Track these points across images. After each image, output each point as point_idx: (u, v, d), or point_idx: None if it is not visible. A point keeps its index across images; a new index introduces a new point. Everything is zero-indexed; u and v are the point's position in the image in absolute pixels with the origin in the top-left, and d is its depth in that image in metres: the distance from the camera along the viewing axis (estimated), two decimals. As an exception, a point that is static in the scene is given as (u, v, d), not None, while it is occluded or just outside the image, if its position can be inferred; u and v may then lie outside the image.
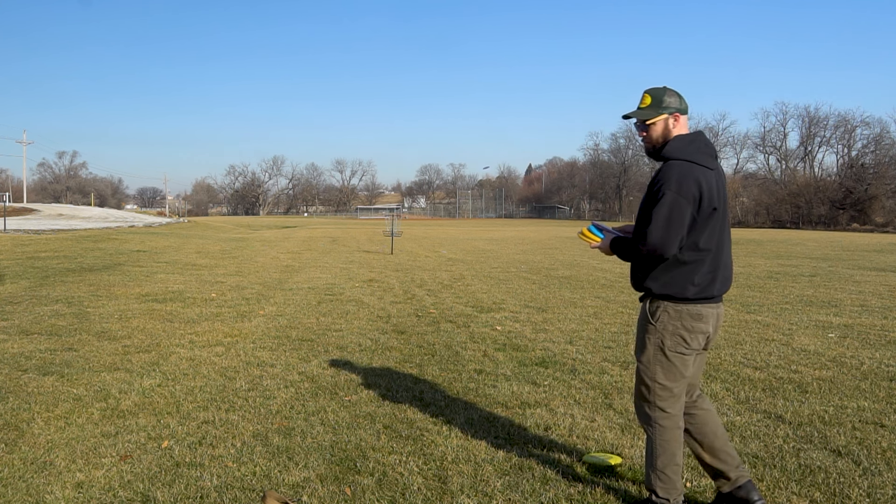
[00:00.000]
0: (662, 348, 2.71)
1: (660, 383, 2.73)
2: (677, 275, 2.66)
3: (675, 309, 2.68)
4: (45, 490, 3.02)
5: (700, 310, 2.69)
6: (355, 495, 3.02)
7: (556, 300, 9.33)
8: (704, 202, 2.59)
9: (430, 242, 25.73)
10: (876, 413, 4.21)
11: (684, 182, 2.56)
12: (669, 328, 2.69)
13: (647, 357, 2.75)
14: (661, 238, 2.56)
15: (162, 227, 30.91)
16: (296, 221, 68.18)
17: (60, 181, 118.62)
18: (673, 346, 2.70)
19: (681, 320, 2.68)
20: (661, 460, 2.73)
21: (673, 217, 2.55)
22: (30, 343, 5.99)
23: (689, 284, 2.66)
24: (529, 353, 5.91)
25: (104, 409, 4.17)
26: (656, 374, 2.73)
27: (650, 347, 2.73)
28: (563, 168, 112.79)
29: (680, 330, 2.69)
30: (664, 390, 2.73)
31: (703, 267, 2.67)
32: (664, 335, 2.70)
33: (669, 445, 2.72)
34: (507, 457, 3.45)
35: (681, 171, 2.59)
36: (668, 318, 2.69)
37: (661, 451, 2.73)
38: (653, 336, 2.72)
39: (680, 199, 2.55)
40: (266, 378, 4.96)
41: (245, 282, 11.25)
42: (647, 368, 2.76)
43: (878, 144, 66.69)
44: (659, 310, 2.71)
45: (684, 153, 2.65)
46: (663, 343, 2.70)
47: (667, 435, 2.73)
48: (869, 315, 8.04)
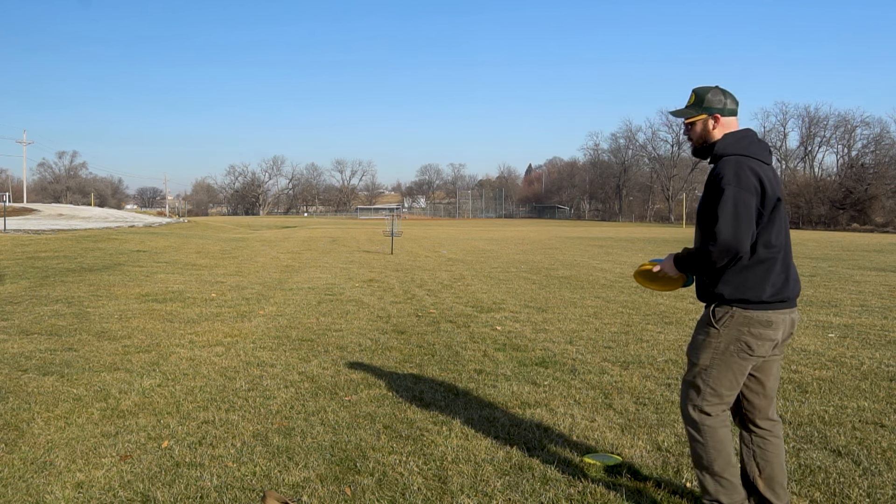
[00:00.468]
0: (725, 354, 2.59)
1: (712, 388, 2.62)
2: (751, 276, 2.53)
3: (745, 315, 2.55)
4: (45, 490, 3.02)
5: (771, 317, 2.56)
6: (355, 495, 3.02)
7: (556, 300, 9.33)
8: (768, 193, 2.49)
9: (430, 242, 25.73)
10: (876, 413, 4.21)
11: (742, 174, 2.47)
12: (734, 334, 2.57)
13: (703, 361, 2.63)
14: (733, 234, 2.42)
15: (162, 227, 30.91)
16: (296, 221, 68.17)
17: (60, 181, 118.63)
18: (736, 352, 2.57)
19: (748, 326, 2.56)
20: (717, 464, 2.61)
21: (739, 211, 2.42)
22: (30, 343, 5.99)
23: (765, 286, 2.53)
24: (529, 353, 5.91)
25: (104, 409, 4.17)
26: (711, 379, 2.62)
27: (709, 351, 2.61)
28: (563, 168, 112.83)
29: (745, 336, 2.56)
30: (715, 396, 2.63)
31: (777, 266, 2.55)
32: (728, 341, 2.58)
33: (724, 447, 2.61)
34: (507, 457, 3.45)
35: (737, 164, 2.50)
36: (735, 323, 2.56)
37: (717, 455, 2.61)
38: (714, 340, 2.60)
39: (741, 192, 2.44)
40: (266, 378, 4.96)
41: (245, 282, 11.25)
42: (702, 372, 2.63)
43: (878, 144, 66.74)
44: (726, 315, 2.57)
45: (737, 148, 2.56)
46: (726, 349, 2.58)
47: (718, 435, 2.62)
48: (869, 315, 8.04)
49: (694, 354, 2.69)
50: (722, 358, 2.59)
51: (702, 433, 2.63)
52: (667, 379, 5.02)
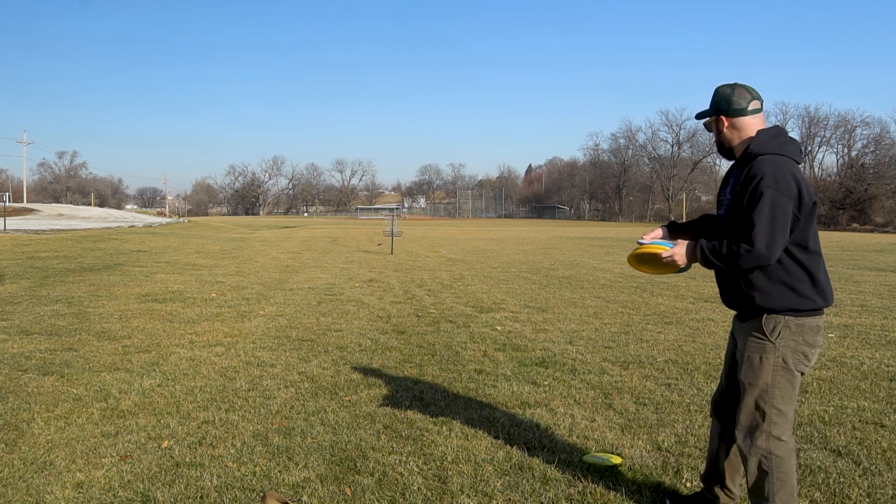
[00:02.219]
0: (785, 369, 2.45)
1: (777, 408, 2.45)
2: (798, 283, 2.42)
3: (798, 323, 2.43)
4: (45, 490, 3.02)
5: (819, 322, 2.47)
6: (355, 495, 3.02)
7: (556, 300, 9.33)
8: (805, 197, 2.38)
9: (430, 242, 25.73)
10: (876, 413, 4.21)
11: (780, 178, 2.34)
12: (791, 345, 2.43)
13: (763, 381, 2.46)
14: (768, 242, 2.32)
15: (162, 227, 30.91)
16: (296, 221, 68.18)
17: (60, 181, 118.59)
18: (795, 364, 2.45)
19: (803, 335, 2.44)
20: (780, 496, 2.44)
21: (776, 216, 2.32)
22: (30, 343, 5.99)
23: (814, 294, 2.44)
24: (529, 353, 5.91)
25: (104, 409, 4.17)
26: (774, 399, 2.44)
27: (769, 369, 2.45)
28: (563, 168, 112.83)
29: (802, 346, 2.44)
30: (780, 416, 2.46)
31: (820, 272, 2.46)
32: (786, 354, 2.43)
33: (789, 478, 2.45)
34: (507, 457, 3.45)
35: (774, 165, 2.37)
36: (791, 333, 2.43)
37: (780, 486, 2.44)
38: (772, 356, 2.44)
39: (780, 196, 2.32)
40: (266, 378, 4.96)
41: (245, 282, 11.25)
42: (764, 394, 2.46)
43: (878, 144, 66.76)
44: (779, 325, 2.44)
45: (772, 147, 2.44)
46: (786, 363, 2.44)
47: (785, 466, 2.45)
48: (869, 315, 8.04)
49: (751, 377, 2.50)
50: (784, 374, 2.45)
51: (769, 461, 2.45)
52: (667, 379, 5.02)
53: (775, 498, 2.45)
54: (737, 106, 2.52)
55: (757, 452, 2.47)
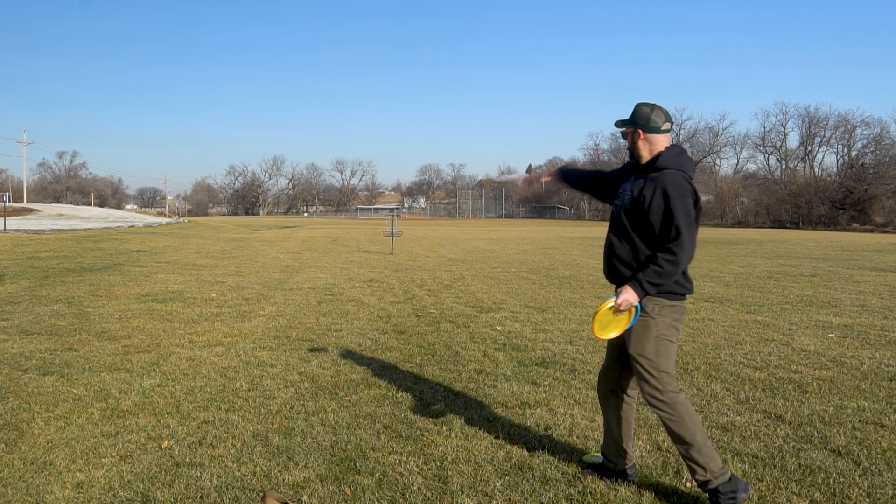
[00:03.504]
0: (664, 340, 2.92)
1: (665, 371, 2.92)
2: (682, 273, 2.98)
3: (671, 305, 2.94)
4: (45, 490, 3.02)
5: (685, 305, 3.02)
6: (355, 495, 3.02)
7: (556, 300, 9.33)
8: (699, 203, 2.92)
9: (430, 242, 25.73)
10: (876, 413, 4.21)
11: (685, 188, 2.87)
12: (668, 321, 2.93)
13: (650, 351, 2.92)
14: (692, 242, 2.83)
15: (162, 227, 30.91)
16: (296, 221, 68.18)
17: (60, 181, 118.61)
18: (669, 336, 2.94)
19: (672, 315, 2.95)
20: (699, 435, 2.86)
21: (690, 219, 2.82)
22: (30, 343, 5.99)
23: (685, 282, 2.98)
24: (529, 353, 5.91)
25: (104, 409, 4.17)
26: (660, 364, 2.92)
27: (652, 341, 2.92)
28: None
29: (675, 323, 2.96)
30: (668, 375, 2.93)
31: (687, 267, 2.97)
32: (662, 328, 2.92)
33: (696, 418, 2.90)
34: (507, 457, 3.46)
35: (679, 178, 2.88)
36: (668, 312, 2.93)
37: (696, 427, 2.87)
38: (653, 330, 2.92)
39: (688, 201, 2.83)
40: (266, 378, 4.96)
41: (245, 282, 11.25)
42: (651, 361, 2.92)
43: (878, 144, 66.69)
44: (657, 306, 2.93)
45: (676, 163, 2.91)
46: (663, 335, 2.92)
47: (689, 408, 2.90)
48: (869, 315, 8.04)
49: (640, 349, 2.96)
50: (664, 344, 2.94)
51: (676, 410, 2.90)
52: (667, 379, 5.02)
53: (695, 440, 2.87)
54: (653, 124, 2.96)
55: (662, 406, 2.91)
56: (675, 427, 2.87)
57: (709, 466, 2.84)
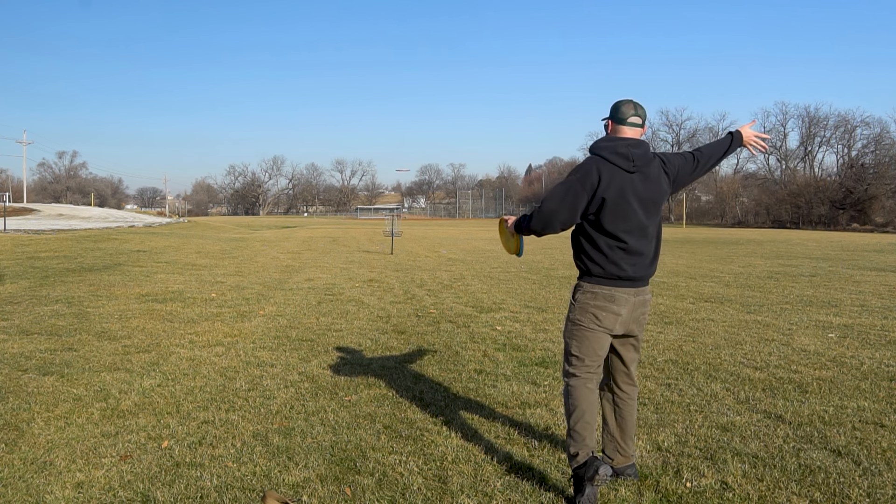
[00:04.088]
0: (575, 322, 3.08)
1: (573, 353, 3.08)
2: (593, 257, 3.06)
3: (592, 291, 3.05)
4: (45, 490, 3.02)
5: (613, 292, 3.03)
6: (355, 495, 3.02)
7: (556, 300, 9.33)
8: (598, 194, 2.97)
9: (430, 242, 25.73)
10: (876, 413, 4.21)
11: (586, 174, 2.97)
12: (582, 304, 3.06)
13: (566, 330, 3.15)
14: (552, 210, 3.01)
15: (162, 227, 30.91)
16: (296, 221, 68.17)
17: (60, 181, 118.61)
18: (582, 320, 3.05)
19: (594, 300, 3.04)
20: (573, 417, 3.03)
21: (567, 196, 2.97)
22: (30, 343, 5.99)
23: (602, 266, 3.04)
24: (529, 353, 5.91)
25: (104, 409, 4.17)
26: (570, 345, 3.10)
27: (568, 321, 3.14)
28: (563, 168, 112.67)
29: (592, 309, 3.04)
30: (576, 359, 3.07)
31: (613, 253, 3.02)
32: (577, 311, 3.07)
33: (580, 405, 3.04)
34: (507, 457, 3.46)
35: (589, 163, 3.02)
36: (582, 295, 3.07)
37: (573, 409, 3.04)
38: (570, 312, 3.12)
39: (576, 185, 2.97)
40: (266, 378, 4.96)
41: (245, 282, 11.26)
42: (565, 339, 3.15)
43: (878, 144, 66.67)
44: (579, 289, 3.10)
45: (599, 149, 3.05)
46: (577, 318, 3.07)
47: (577, 394, 3.04)
48: (869, 315, 8.04)
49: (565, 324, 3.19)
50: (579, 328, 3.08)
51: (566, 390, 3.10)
52: (667, 379, 5.02)
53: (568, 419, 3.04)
54: (621, 115, 3.10)
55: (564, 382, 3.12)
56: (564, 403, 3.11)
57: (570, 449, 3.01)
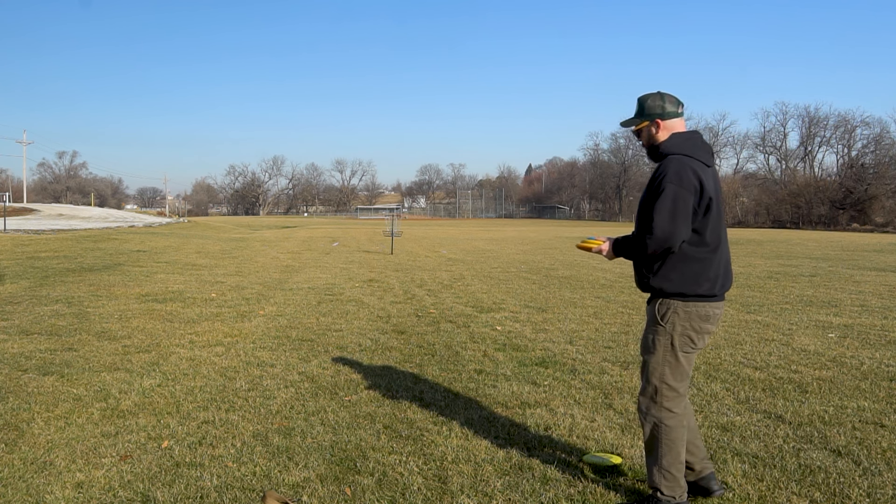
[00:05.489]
0: (672, 349, 2.75)
1: (667, 384, 2.77)
2: (688, 271, 2.70)
3: (686, 310, 2.72)
4: (45, 490, 3.02)
5: (708, 310, 2.74)
6: (355, 495, 3.02)
7: (556, 300, 9.33)
8: (705, 193, 2.67)
9: (430, 242, 25.73)
10: (876, 413, 4.21)
11: (684, 175, 2.64)
12: (679, 329, 2.73)
13: (655, 359, 2.79)
14: (668, 230, 2.61)
15: (162, 227, 30.90)
16: (296, 221, 68.17)
17: (60, 181, 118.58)
18: (681, 346, 2.75)
19: (689, 321, 2.73)
20: (666, 459, 2.76)
21: (677, 208, 2.61)
22: (30, 343, 5.99)
23: (704, 280, 2.71)
24: (529, 353, 5.90)
25: (104, 409, 4.17)
26: (664, 375, 2.77)
27: (659, 349, 2.77)
28: (563, 168, 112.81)
29: (689, 331, 2.73)
30: (671, 391, 2.78)
31: (712, 263, 2.73)
32: (673, 336, 2.74)
33: (675, 445, 2.76)
34: (507, 457, 3.45)
35: (679, 164, 2.68)
36: (678, 318, 2.73)
37: (667, 451, 2.76)
38: (662, 337, 2.76)
39: (681, 191, 2.62)
40: (266, 378, 4.96)
41: (245, 282, 11.25)
42: (654, 370, 2.79)
43: (878, 144, 66.68)
44: (669, 310, 2.74)
45: (682, 148, 2.74)
46: (673, 344, 2.75)
47: (673, 434, 2.77)
48: (869, 315, 8.04)
49: (646, 354, 2.84)
50: (673, 353, 2.76)
51: (658, 430, 2.78)
52: (667, 379, 5.02)
53: (662, 460, 2.77)
54: (671, 109, 2.85)
55: (650, 420, 2.81)
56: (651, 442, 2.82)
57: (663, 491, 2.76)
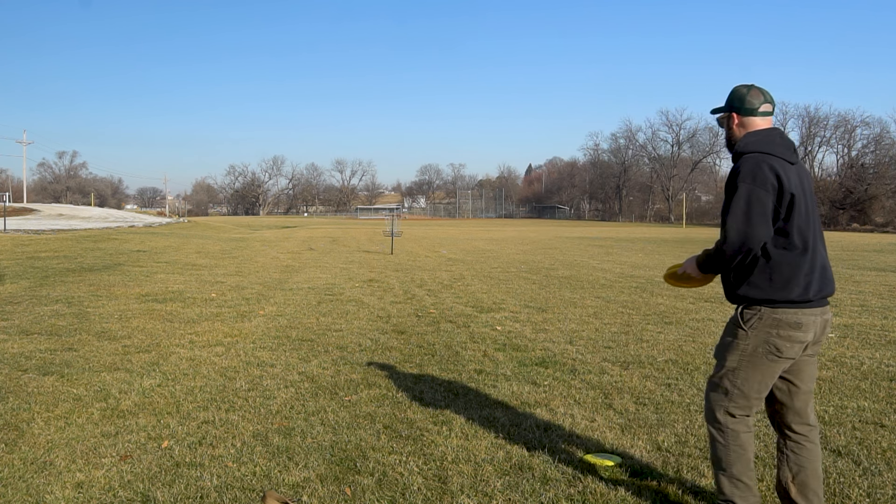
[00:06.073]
0: (752, 354, 2.56)
1: (739, 389, 2.59)
2: (776, 277, 2.49)
3: (773, 316, 2.51)
4: (45, 490, 3.02)
5: (800, 318, 2.51)
6: (355, 495, 3.02)
7: (556, 300, 9.33)
8: (785, 191, 2.45)
9: (430, 242, 25.72)
10: (876, 413, 4.21)
11: (758, 172, 2.45)
12: (762, 335, 2.53)
13: (731, 363, 2.60)
14: (743, 231, 2.42)
15: (162, 227, 30.90)
16: (296, 221, 68.16)
17: (60, 181, 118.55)
18: (765, 352, 2.54)
19: (777, 328, 2.51)
20: (737, 468, 2.59)
21: (752, 208, 2.42)
22: (30, 343, 5.99)
23: (793, 286, 2.49)
24: (529, 353, 5.90)
25: (104, 409, 4.17)
26: (738, 380, 2.59)
27: (736, 352, 2.59)
28: (563, 168, 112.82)
29: (774, 338, 2.52)
30: (742, 397, 2.60)
31: (803, 266, 2.51)
32: (755, 341, 2.55)
33: (746, 452, 2.59)
34: (507, 457, 3.45)
35: (754, 162, 2.48)
36: (762, 325, 2.53)
37: (737, 458, 2.59)
38: (741, 341, 2.57)
39: (756, 189, 2.42)
40: (266, 378, 4.96)
41: (245, 282, 11.25)
42: (730, 373, 2.60)
43: (878, 144, 66.74)
44: (754, 316, 2.54)
45: (757, 146, 2.54)
46: (754, 350, 2.55)
47: (741, 440, 2.60)
48: (869, 315, 8.04)
49: (721, 357, 2.66)
50: (750, 360, 2.56)
51: (725, 434, 2.61)
52: (667, 379, 5.02)
53: (732, 469, 2.60)
54: (749, 106, 2.62)
55: (718, 425, 2.64)
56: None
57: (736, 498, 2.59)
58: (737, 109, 2.64)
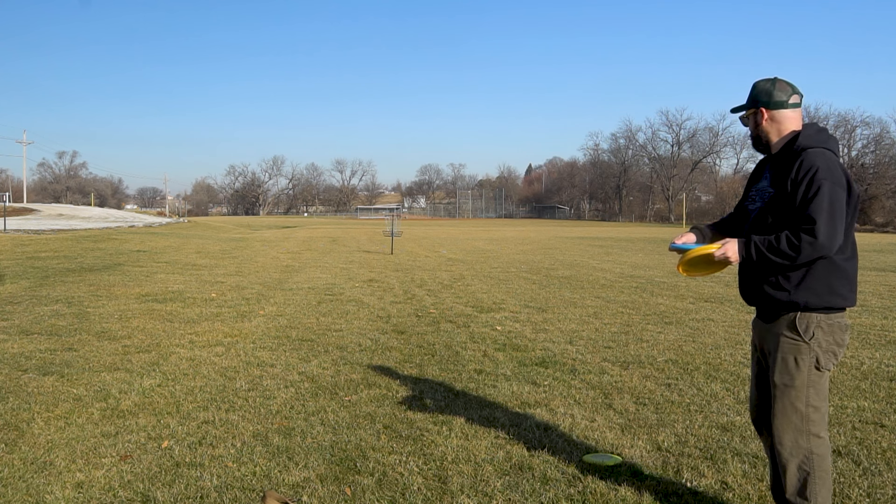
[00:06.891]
0: (818, 368, 2.41)
1: (814, 406, 2.42)
2: (835, 282, 2.37)
3: (829, 323, 2.39)
4: (45, 490, 3.02)
5: (847, 321, 2.45)
6: (355, 495, 3.02)
7: (556, 300, 9.33)
8: (853, 192, 2.37)
9: (430, 242, 25.73)
10: (876, 413, 4.21)
11: (835, 170, 2.32)
12: (824, 345, 2.39)
13: (800, 382, 2.41)
14: (831, 234, 2.26)
15: (162, 227, 30.90)
16: (296, 221, 68.17)
17: (60, 181, 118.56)
18: (825, 363, 2.41)
19: (833, 335, 2.40)
20: (822, 495, 2.40)
21: (835, 209, 2.28)
22: (30, 343, 5.99)
23: (848, 292, 2.40)
24: (529, 353, 5.90)
25: (104, 409, 4.17)
26: (810, 398, 2.41)
27: (804, 370, 2.40)
28: (563, 168, 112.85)
29: (833, 346, 2.41)
30: (817, 413, 2.43)
31: (854, 270, 2.43)
32: (819, 354, 2.40)
33: (828, 476, 2.42)
34: (507, 457, 3.45)
35: (827, 158, 2.35)
36: (823, 333, 2.39)
37: (822, 485, 2.40)
38: (807, 356, 2.39)
39: (837, 188, 2.29)
40: (266, 378, 4.96)
41: (245, 282, 11.25)
42: (800, 394, 2.41)
43: (878, 144, 66.77)
44: (812, 325, 2.39)
45: (819, 141, 2.41)
46: (818, 363, 2.40)
47: (825, 464, 2.42)
48: (869, 315, 8.04)
49: (786, 378, 2.44)
50: (818, 373, 2.41)
51: (810, 461, 2.41)
52: (667, 379, 5.02)
53: (818, 498, 2.40)
54: (777, 99, 2.50)
55: (800, 453, 2.42)
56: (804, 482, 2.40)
57: None
58: (764, 104, 2.51)
